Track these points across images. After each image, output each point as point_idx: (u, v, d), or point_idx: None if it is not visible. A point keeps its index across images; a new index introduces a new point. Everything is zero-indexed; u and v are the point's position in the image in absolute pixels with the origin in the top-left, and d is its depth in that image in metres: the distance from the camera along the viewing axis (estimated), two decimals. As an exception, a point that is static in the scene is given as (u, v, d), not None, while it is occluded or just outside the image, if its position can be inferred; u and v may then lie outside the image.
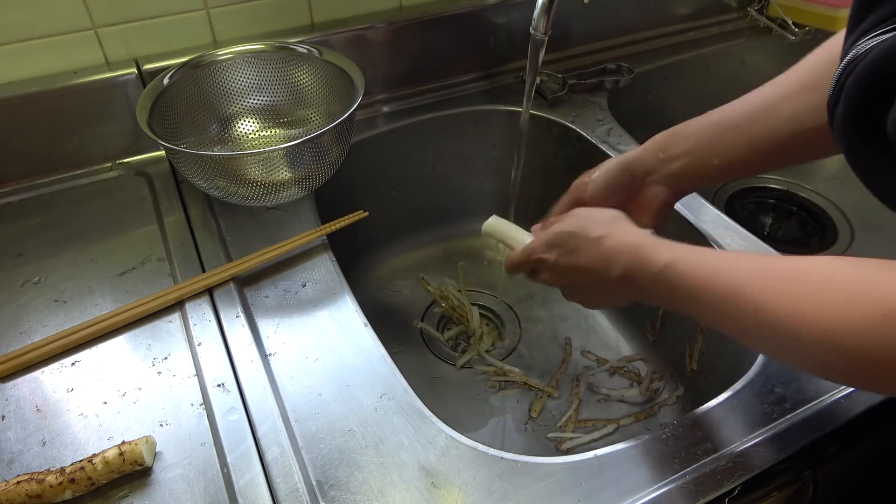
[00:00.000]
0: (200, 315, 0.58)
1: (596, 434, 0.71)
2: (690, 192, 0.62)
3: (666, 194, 0.58)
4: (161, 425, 0.49)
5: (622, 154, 0.60)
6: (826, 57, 0.51)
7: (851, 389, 0.51)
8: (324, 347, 0.55)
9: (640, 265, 0.47)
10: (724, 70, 1.04)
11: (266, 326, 0.57)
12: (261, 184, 0.64)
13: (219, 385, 0.52)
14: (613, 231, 0.50)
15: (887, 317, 0.33)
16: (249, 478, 0.45)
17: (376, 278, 0.91)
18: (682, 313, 0.46)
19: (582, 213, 0.55)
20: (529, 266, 0.58)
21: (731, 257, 0.44)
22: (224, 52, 0.74)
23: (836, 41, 0.50)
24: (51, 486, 0.44)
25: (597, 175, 0.60)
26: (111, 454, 0.45)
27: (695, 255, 0.45)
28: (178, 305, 0.59)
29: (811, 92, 0.50)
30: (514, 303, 0.88)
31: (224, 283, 0.60)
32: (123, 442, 0.46)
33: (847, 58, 0.36)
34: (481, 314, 0.86)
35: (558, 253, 0.53)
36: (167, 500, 0.45)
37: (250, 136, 0.78)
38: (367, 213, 0.70)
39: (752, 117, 0.53)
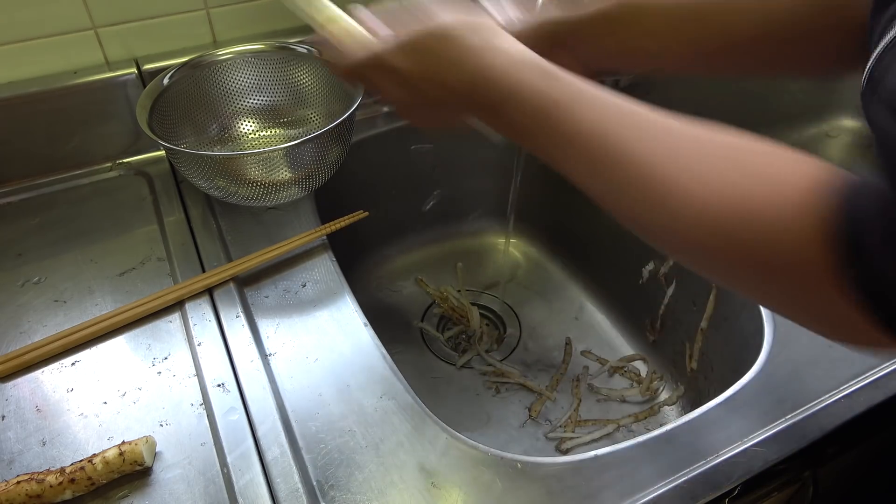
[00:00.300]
0: (200, 315, 0.58)
1: (596, 434, 0.71)
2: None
3: (577, 71, 0.49)
4: (161, 425, 0.49)
5: (553, 11, 0.49)
6: None
7: (852, 389, 0.51)
8: (324, 347, 0.55)
9: (531, 94, 0.37)
10: (724, 70, 1.04)
11: (266, 326, 0.57)
12: (261, 184, 0.64)
13: (219, 385, 0.52)
14: (500, 43, 0.39)
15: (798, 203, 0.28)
16: (249, 478, 0.45)
17: (376, 278, 0.91)
18: (535, 151, 0.39)
19: (446, 12, 0.42)
20: (373, 74, 0.44)
21: (629, 110, 0.36)
22: (224, 52, 0.74)
23: None
24: (51, 486, 0.44)
25: (524, 26, 0.49)
26: (111, 454, 0.45)
27: (590, 100, 0.36)
28: (178, 305, 0.59)
29: None
30: (514, 303, 0.88)
31: (224, 283, 0.60)
32: (123, 442, 0.46)
33: (890, 34, 0.31)
34: (481, 314, 0.86)
35: (420, 65, 0.40)
36: (167, 500, 0.45)
37: (250, 136, 0.78)
38: (367, 213, 0.70)
39: (723, 5, 0.45)
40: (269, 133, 0.78)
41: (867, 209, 0.26)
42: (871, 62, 0.33)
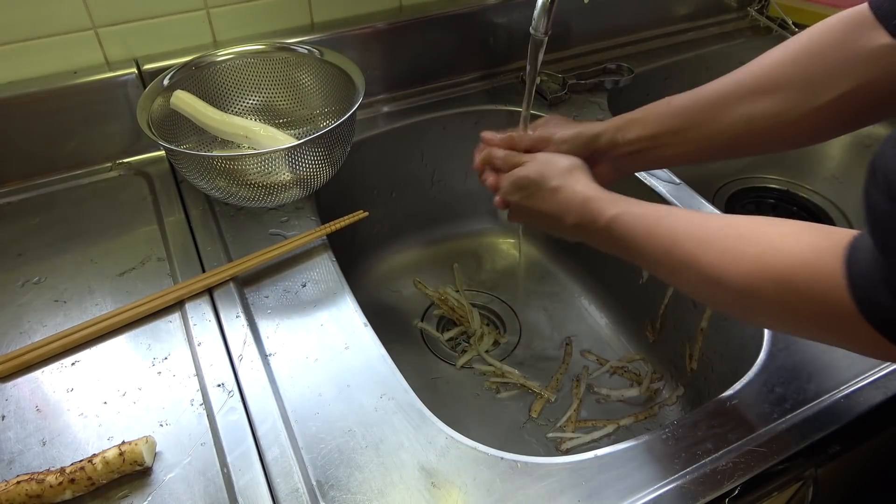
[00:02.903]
0: (200, 315, 0.58)
1: (596, 434, 0.71)
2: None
3: (613, 173, 0.61)
4: (161, 425, 0.49)
5: (585, 124, 0.62)
6: (785, 57, 0.51)
7: (852, 389, 0.51)
8: (324, 347, 0.55)
9: (589, 217, 0.52)
10: (724, 70, 1.02)
11: (266, 326, 0.57)
12: (261, 185, 0.64)
13: (219, 385, 0.52)
14: (568, 182, 0.55)
15: (784, 272, 0.38)
16: (249, 478, 0.45)
17: (376, 278, 0.91)
18: (625, 259, 0.51)
19: (543, 158, 0.58)
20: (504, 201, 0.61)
21: (670, 214, 0.48)
22: (224, 53, 0.74)
23: (799, 40, 0.51)
24: (51, 486, 0.44)
25: (563, 144, 0.61)
26: (111, 454, 0.45)
27: (638, 210, 0.49)
28: (178, 305, 0.59)
29: (764, 95, 0.52)
30: (514, 303, 0.88)
31: (224, 283, 0.60)
32: (123, 442, 0.46)
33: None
34: (481, 314, 0.86)
35: (521, 196, 0.58)
36: (167, 500, 0.45)
37: (250, 137, 0.78)
38: (367, 213, 0.70)
39: (706, 114, 0.55)
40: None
41: (865, 262, 0.34)
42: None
